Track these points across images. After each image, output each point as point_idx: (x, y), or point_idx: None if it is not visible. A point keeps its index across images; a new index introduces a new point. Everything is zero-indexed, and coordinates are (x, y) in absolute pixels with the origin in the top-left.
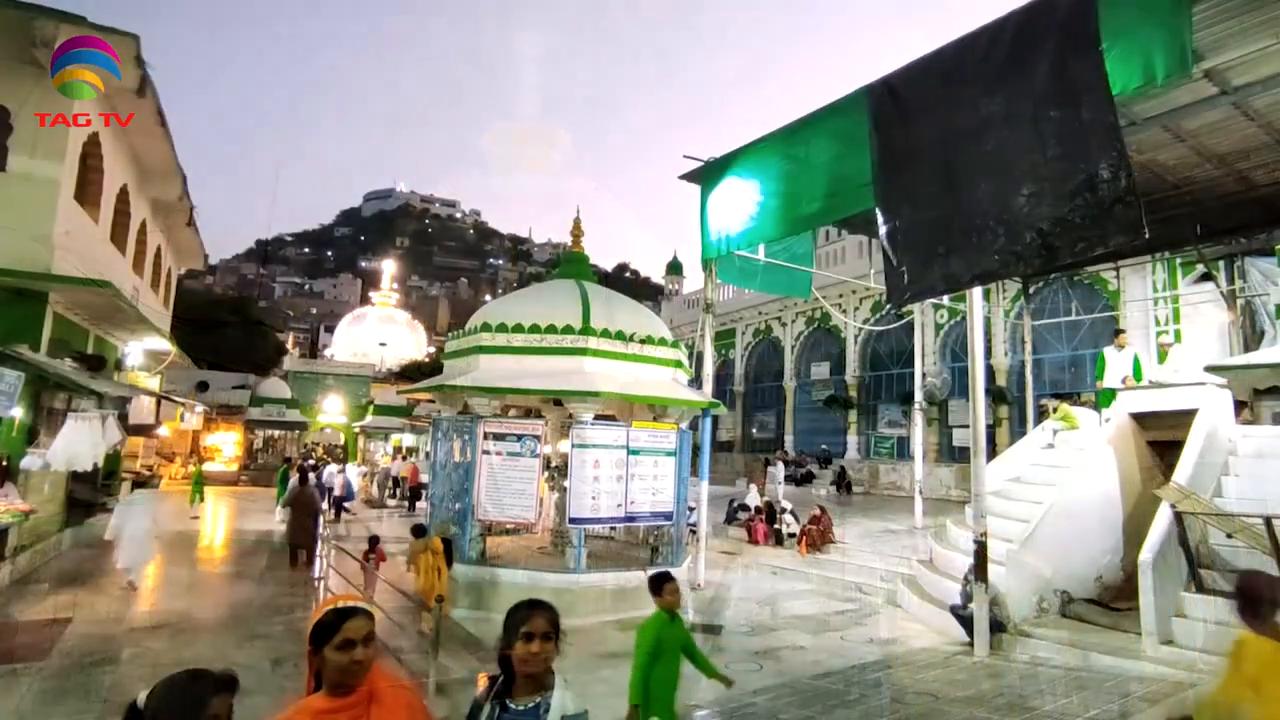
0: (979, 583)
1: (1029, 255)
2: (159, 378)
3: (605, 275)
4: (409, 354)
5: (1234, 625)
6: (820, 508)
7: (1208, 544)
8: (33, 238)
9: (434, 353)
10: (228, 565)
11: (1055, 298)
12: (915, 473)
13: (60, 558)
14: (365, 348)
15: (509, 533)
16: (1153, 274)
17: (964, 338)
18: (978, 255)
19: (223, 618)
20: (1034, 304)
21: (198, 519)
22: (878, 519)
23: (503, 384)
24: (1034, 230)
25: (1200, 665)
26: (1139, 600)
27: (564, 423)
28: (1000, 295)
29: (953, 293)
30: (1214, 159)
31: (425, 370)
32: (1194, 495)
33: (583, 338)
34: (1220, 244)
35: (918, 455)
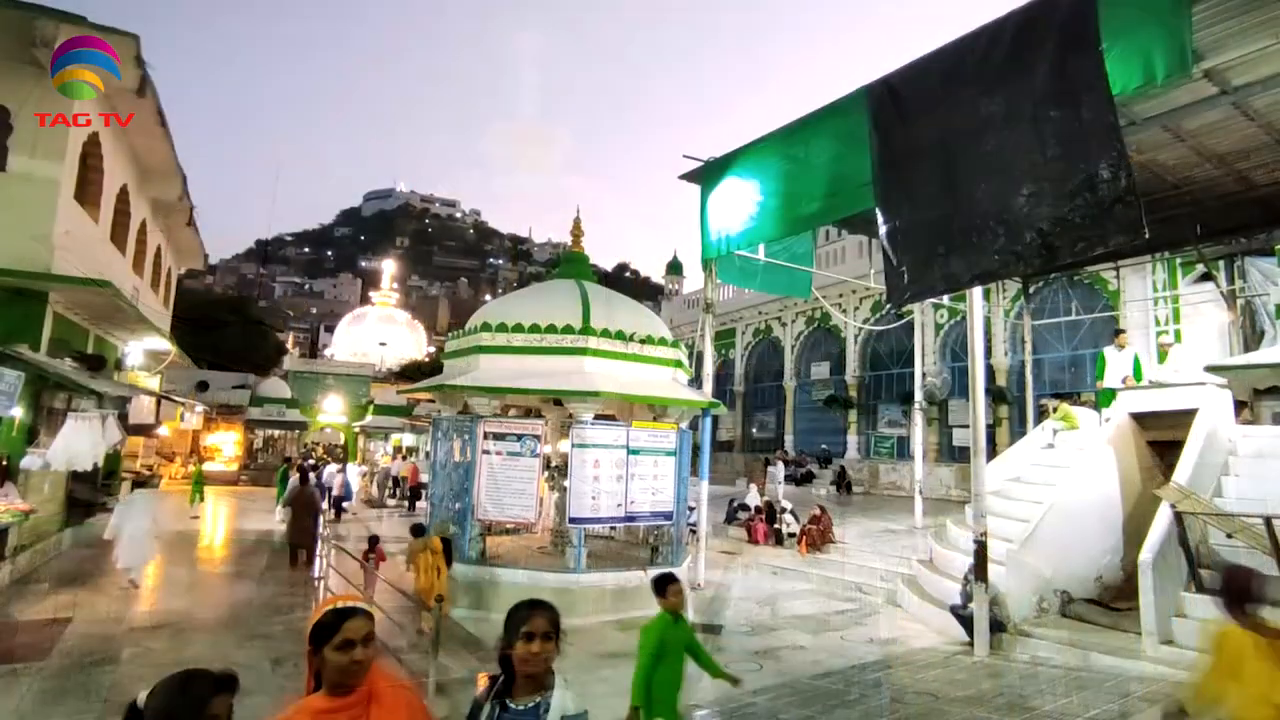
0: (979, 582)
1: (1029, 255)
2: (159, 377)
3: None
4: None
5: (1222, 619)
6: (820, 507)
7: (1208, 544)
8: (33, 238)
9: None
10: (228, 565)
11: (1055, 298)
12: (915, 472)
13: (60, 557)
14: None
15: (509, 532)
16: (1153, 274)
17: (964, 338)
18: (978, 255)
19: (223, 617)
20: (1034, 304)
21: (198, 519)
22: (878, 519)
23: (503, 384)
24: (1034, 230)
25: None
26: (1139, 600)
27: (564, 422)
28: (1000, 295)
29: (953, 293)
30: (1214, 159)
31: (425, 370)
32: (1194, 495)
33: (583, 338)
34: (1220, 244)
35: (918, 455)
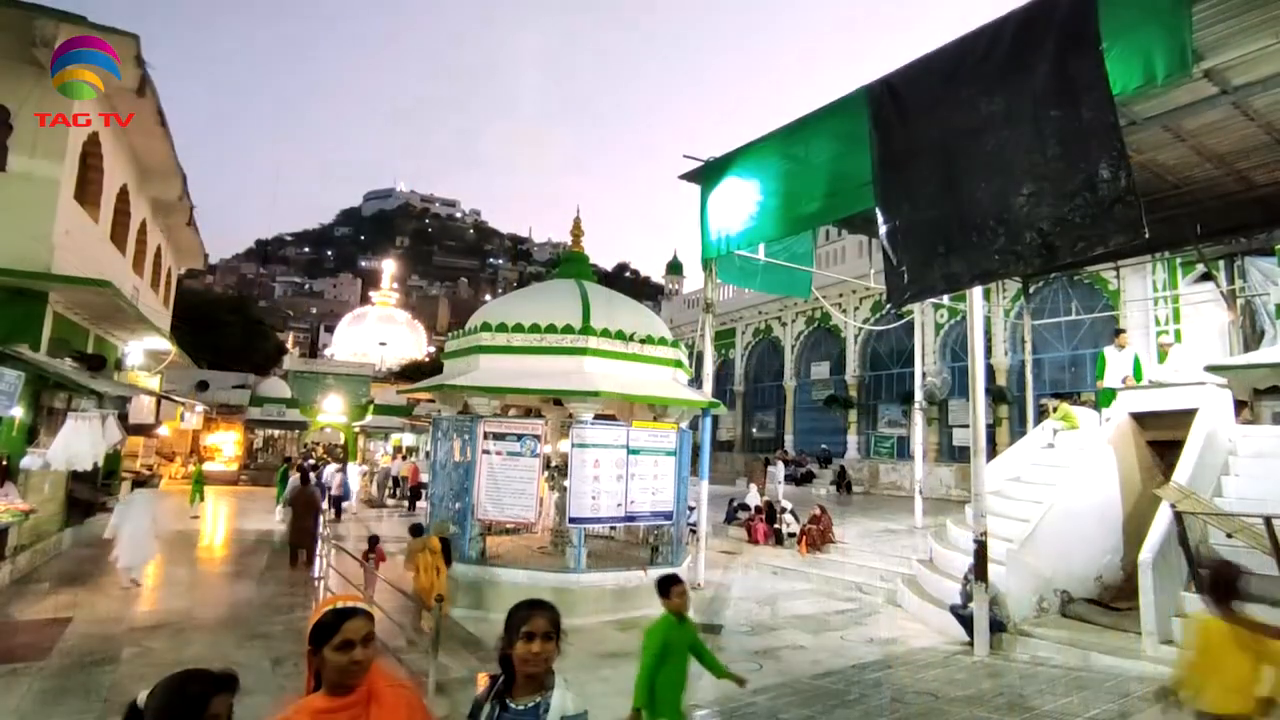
0: (979, 582)
1: (1029, 255)
2: (159, 377)
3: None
4: (409, 353)
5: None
6: (820, 507)
7: (1208, 544)
8: (33, 237)
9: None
10: (228, 565)
11: (1055, 297)
12: (915, 472)
13: (60, 557)
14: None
15: (509, 532)
16: (1153, 274)
17: (964, 337)
18: (978, 255)
19: (223, 617)
20: (1034, 304)
21: (198, 518)
22: (878, 519)
23: (503, 384)
24: (1034, 230)
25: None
26: (1139, 600)
27: (564, 422)
28: (1000, 295)
29: (953, 292)
30: (1214, 159)
31: (425, 370)
32: (1194, 495)
33: (583, 337)
34: (1220, 244)
35: (918, 455)
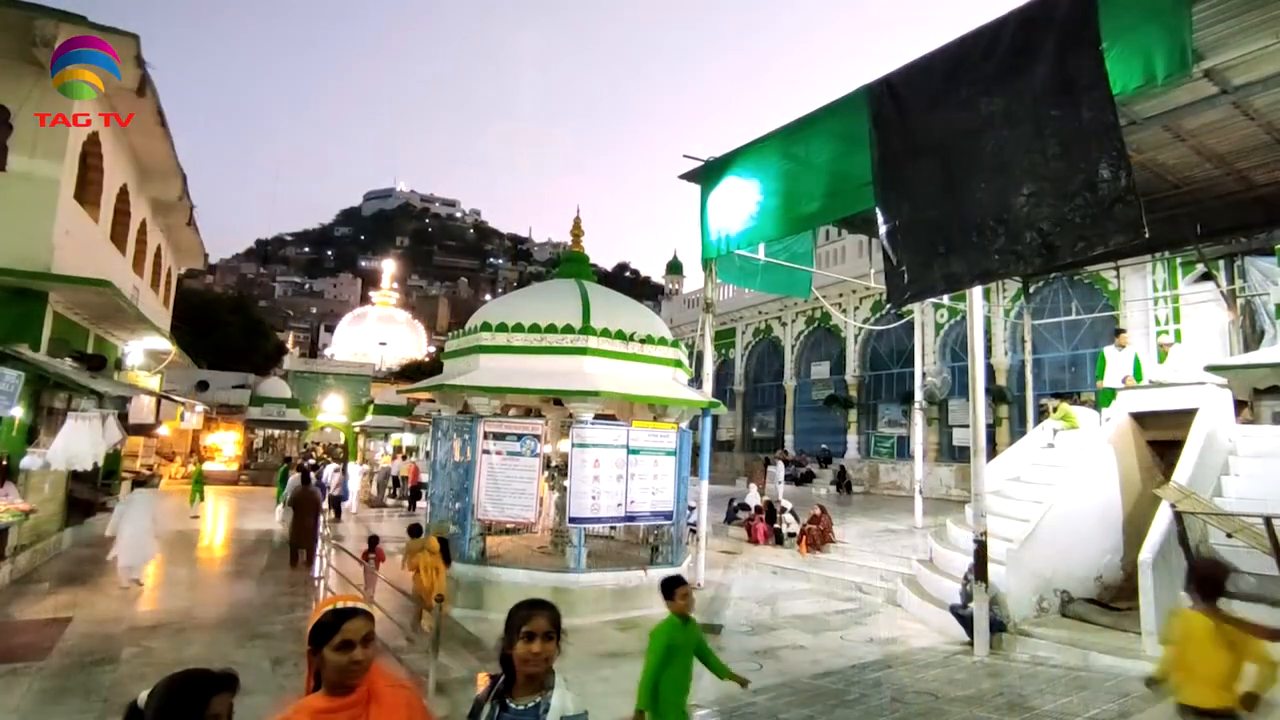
0: (979, 582)
1: (1029, 255)
2: (159, 377)
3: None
4: (409, 353)
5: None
6: (820, 507)
7: (1208, 544)
8: (33, 237)
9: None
10: (228, 565)
11: (1055, 297)
12: (915, 472)
13: (60, 557)
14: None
15: (509, 532)
16: (1153, 274)
17: (964, 337)
18: (978, 255)
19: (223, 617)
20: (1034, 303)
21: (198, 518)
22: (878, 518)
23: (503, 384)
24: (1034, 229)
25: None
26: (1139, 600)
27: (564, 422)
28: (1000, 295)
29: (953, 292)
30: (1214, 158)
31: (425, 370)
32: (1194, 495)
33: (583, 337)
34: (1220, 243)
35: (918, 455)
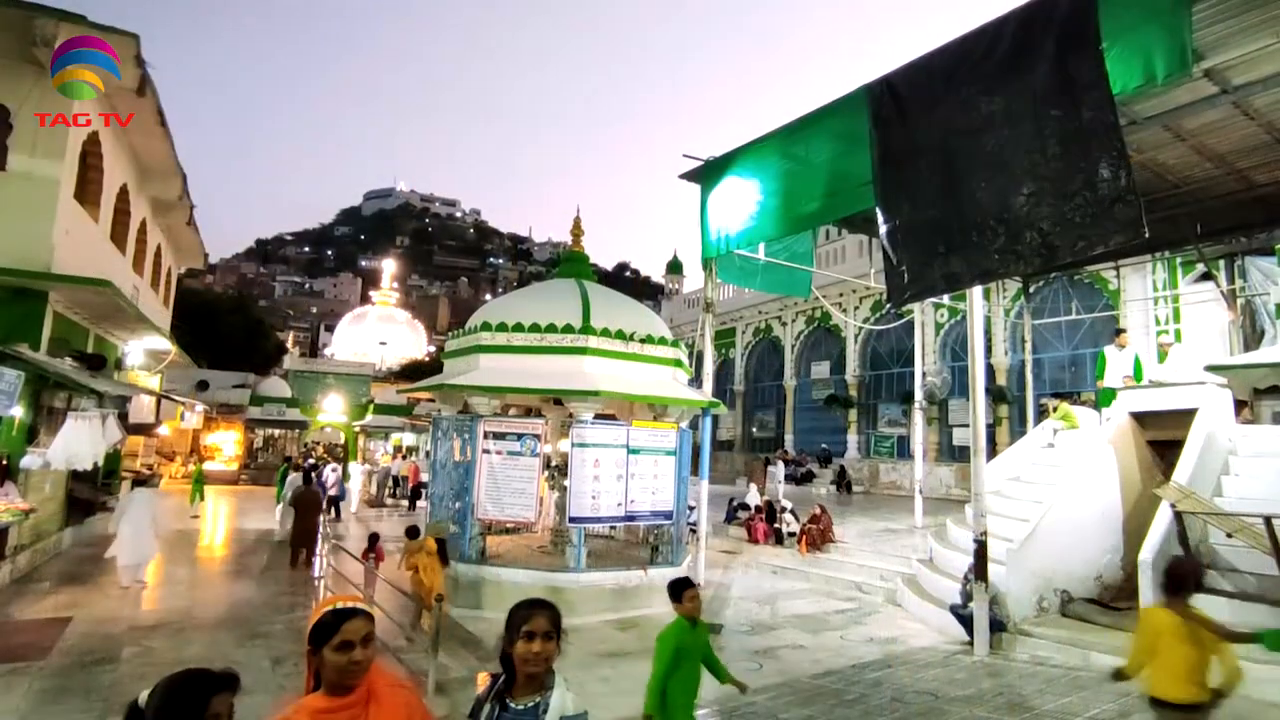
0: (979, 582)
1: (1029, 254)
2: (159, 377)
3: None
4: (409, 353)
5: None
6: (820, 507)
7: (1208, 543)
8: (33, 237)
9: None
10: (228, 564)
11: (1055, 297)
12: (915, 472)
13: (60, 557)
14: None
15: (509, 532)
16: (1153, 273)
17: (964, 337)
18: (978, 254)
19: (223, 617)
20: (1034, 303)
21: (198, 518)
22: (878, 518)
23: (503, 383)
24: (1034, 229)
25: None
26: (1139, 600)
27: (564, 422)
28: (1000, 295)
29: (953, 292)
30: (1214, 158)
31: (425, 369)
32: (1194, 495)
33: (583, 337)
34: (1220, 243)
35: (918, 454)
